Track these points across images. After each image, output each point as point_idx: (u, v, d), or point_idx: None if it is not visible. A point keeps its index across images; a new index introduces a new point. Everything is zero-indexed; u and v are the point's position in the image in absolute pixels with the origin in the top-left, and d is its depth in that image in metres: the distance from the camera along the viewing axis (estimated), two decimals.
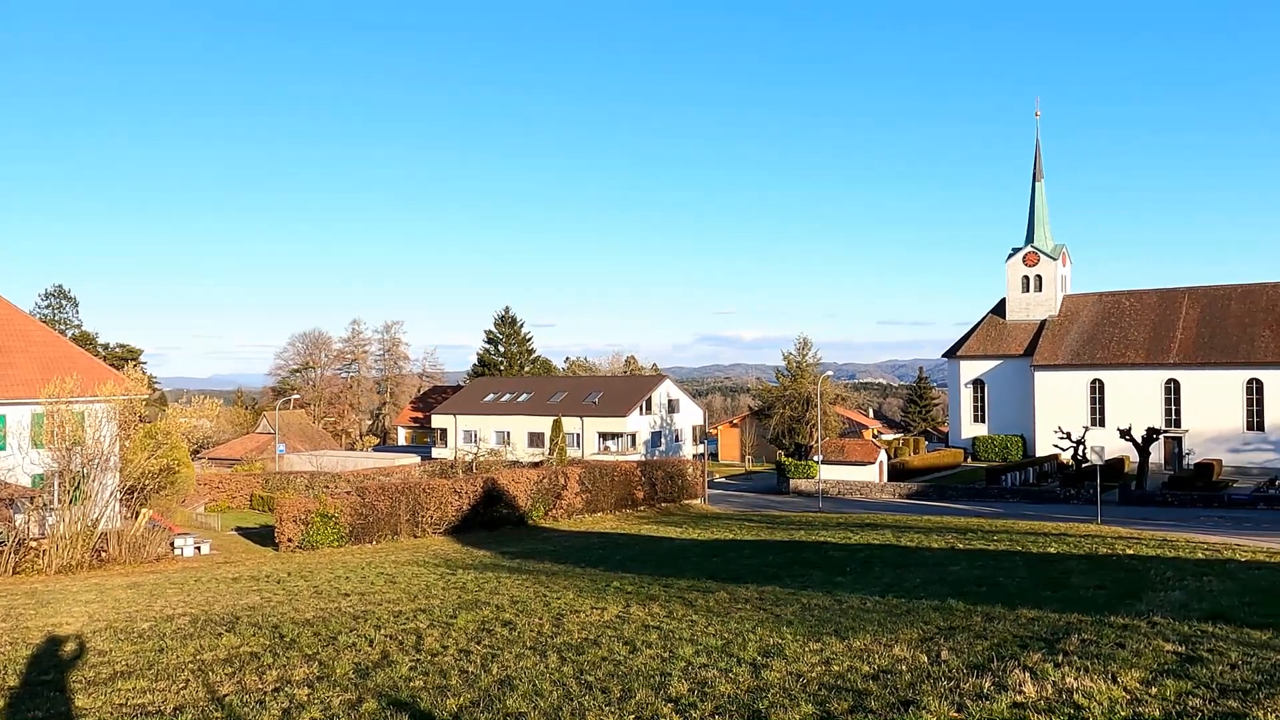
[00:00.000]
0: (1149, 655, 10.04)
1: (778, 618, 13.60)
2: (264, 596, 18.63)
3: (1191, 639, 11.00)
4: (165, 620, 15.18)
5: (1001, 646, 10.88)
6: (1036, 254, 76.23)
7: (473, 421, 77.68)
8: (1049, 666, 9.54)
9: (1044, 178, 79.13)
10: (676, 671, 10.03)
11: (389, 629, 13.59)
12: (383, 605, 16.47)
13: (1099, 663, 9.66)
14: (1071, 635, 11.36)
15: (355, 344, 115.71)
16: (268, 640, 12.85)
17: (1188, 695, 8.33)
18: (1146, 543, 26.43)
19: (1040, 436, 68.85)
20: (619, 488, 44.46)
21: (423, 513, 35.42)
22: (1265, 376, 62.81)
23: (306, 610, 16.05)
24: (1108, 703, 8.12)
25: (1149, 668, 9.43)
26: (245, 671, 10.72)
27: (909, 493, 56.58)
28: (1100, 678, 8.97)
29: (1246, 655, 9.97)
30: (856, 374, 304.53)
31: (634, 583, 18.68)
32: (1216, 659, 9.80)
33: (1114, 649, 10.42)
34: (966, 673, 9.43)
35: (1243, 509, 46.21)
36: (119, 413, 31.69)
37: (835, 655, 10.63)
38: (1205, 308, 68.06)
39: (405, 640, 12.61)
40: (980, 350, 76.56)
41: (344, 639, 12.74)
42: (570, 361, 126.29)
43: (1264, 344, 63.61)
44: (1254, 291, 67.35)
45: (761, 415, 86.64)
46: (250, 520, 44.41)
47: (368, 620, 14.52)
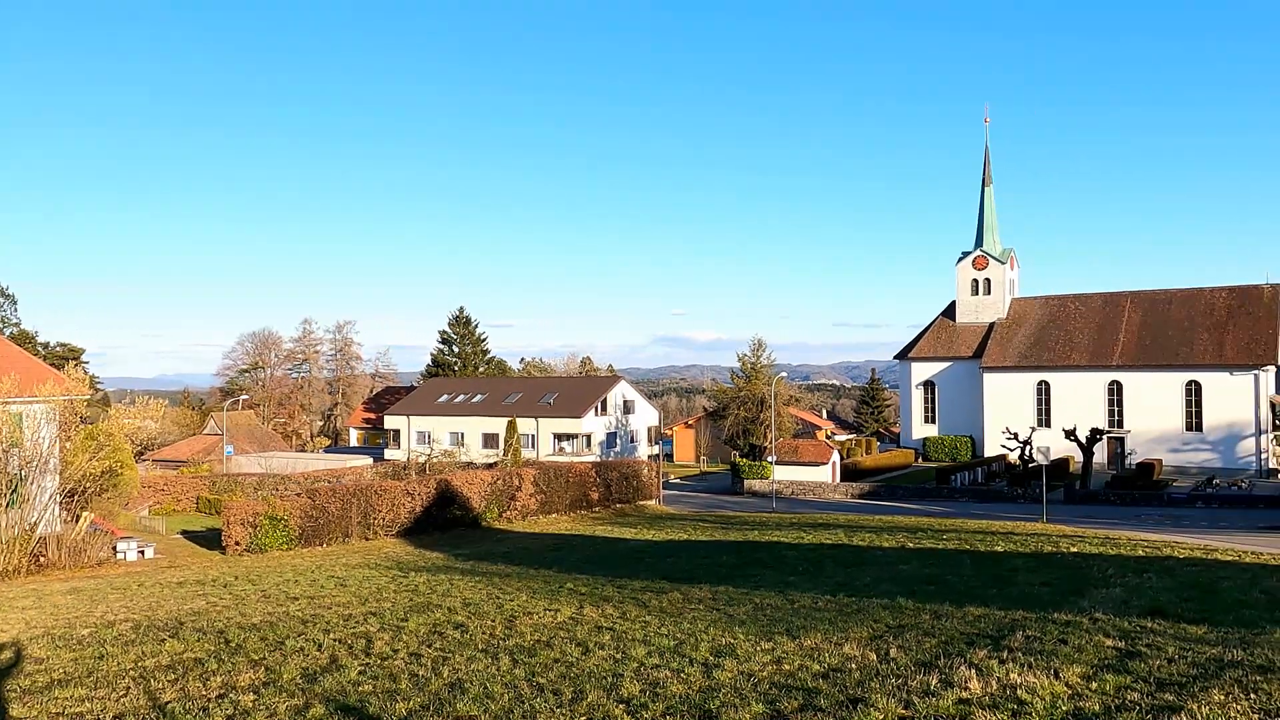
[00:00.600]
0: (1090, 651, 10.28)
1: (730, 618, 13.68)
2: (210, 601, 18.26)
3: (1131, 634, 11.29)
4: (106, 626, 14.81)
5: (949, 644, 11.06)
6: (985, 258, 77.61)
7: (426, 422, 76.96)
8: (994, 663, 9.72)
9: (993, 183, 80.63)
10: (629, 672, 10.03)
11: (338, 633, 13.40)
12: (332, 609, 16.23)
13: (1042, 659, 9.87)
14: (1016, 632, 11.59)
15: (306, 344, 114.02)
16: (212, 646, 12.60)
17: (1126, 689, 8.55)
18: (1090, 541, 27.07)
19: (989, 437, 70.11)
20: (574, 489, 44.35)
21: (375, 515, 34.99)
22: (1203, 378, 64.68)
23: (253, 615, 15.76)
24: (1050, 698, 8.30)
25: (1090, 663, 9.65)
26: (188, 678, 10.50)
27: (861, 493, 57.27)
28: (1043, 673, 9.16)
29: (1183, 649, 10.26)
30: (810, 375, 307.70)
31: (588, 584, 18.65)
32: (1154, 654, 10.07)
33: (1057, 645, 10.65)
34: (914, 670, 9.57)
35: (1181, 507, 47.50)
36: (59, 413, 30.84)
37: (786, 654, 10.72)
38: (1147, 311, 69.87)
39: (355, 644, 12.45)
40: (931, 352, 77.74)
41: (292, 643, 12.54)
42: (526, 362, 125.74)
43: (1202, 347, 65.49)
44: (1193, 296, 69.31)
45: (716, 416, 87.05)
46: (197, 523, 43.49)
47: (316, 624, 14.31)
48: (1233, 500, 48.88)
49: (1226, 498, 49.66)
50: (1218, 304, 67.75)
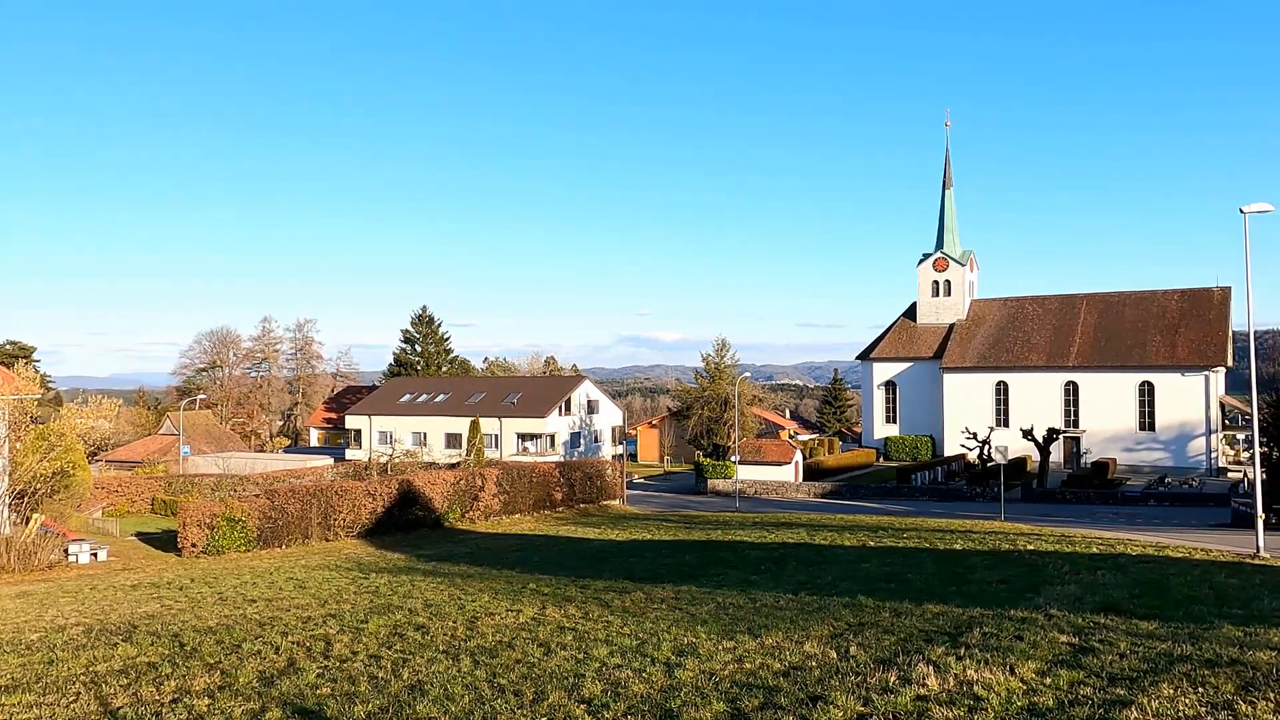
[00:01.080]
0: (1045, 647, 10.46)
1: (693, 617, 13.71)
2: (164, 604, 17.93)
3: (1085, 630, 11.50)
4: (56, 631, 14.49)
5: (908, 641, 11.18)
6: (946, 260, 78.61)
7: (388, 422, 76.26)
8: (951, 660, 9.84)
9: (953, 185, 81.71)
10: (590, 672, 10.02)
11: (296, 635, 13.23)
12: (291, 611, 16.02)
13: (998, 655, 10.02)
14: (974, 629, 11.76)
15: (266, 343, 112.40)
16: (167, 649, 12.38)
17: (1079, 684, 8.71)
18: (1046, 538, 27.53)
19: (949, 436, 71.05)
20: (537, 489, 44.20)
21: (335, 515, 34.59)
22: (1156, 379, 66.08)
23: (210, 618, 15.51)
24: (1005, 693, 8.43)
25: (1044, 659, 9.82)
26: (141, 683, 10.30)
27: (824, 492, 57.73)
28: (999, 669, 9.30)
29: (1134, 645, 10.48)
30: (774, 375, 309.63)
31: (550, 584, 18.60)
32: (1107, 649, 10.26)
33: (1013, 641, 10.82)
34: (874, 667, 9.66)
35: (1135, 505, 48.49)
36: (8, 413, 30.10)
37: (748, 653, 10.77)
38: (1102, 313, 71.23)
39: (313, 647, 12.30)
40: (892, 353, 78.59)
41: (248, 646, 12.35)
42: (489, 362, 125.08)
43: (1155, 348, 66.91)
44: (1147, 299, 70.79)
45: (680, 416, 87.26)
46: (152, 525, 42.69)
47: (274, 627, 14.11)
48: (1183, 498, 49.99)
49: (1178, 496, 50.78)
50: (1170, 306, 69.27)
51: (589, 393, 78.84)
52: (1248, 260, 24.60)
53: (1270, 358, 72.68)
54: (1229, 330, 66.66)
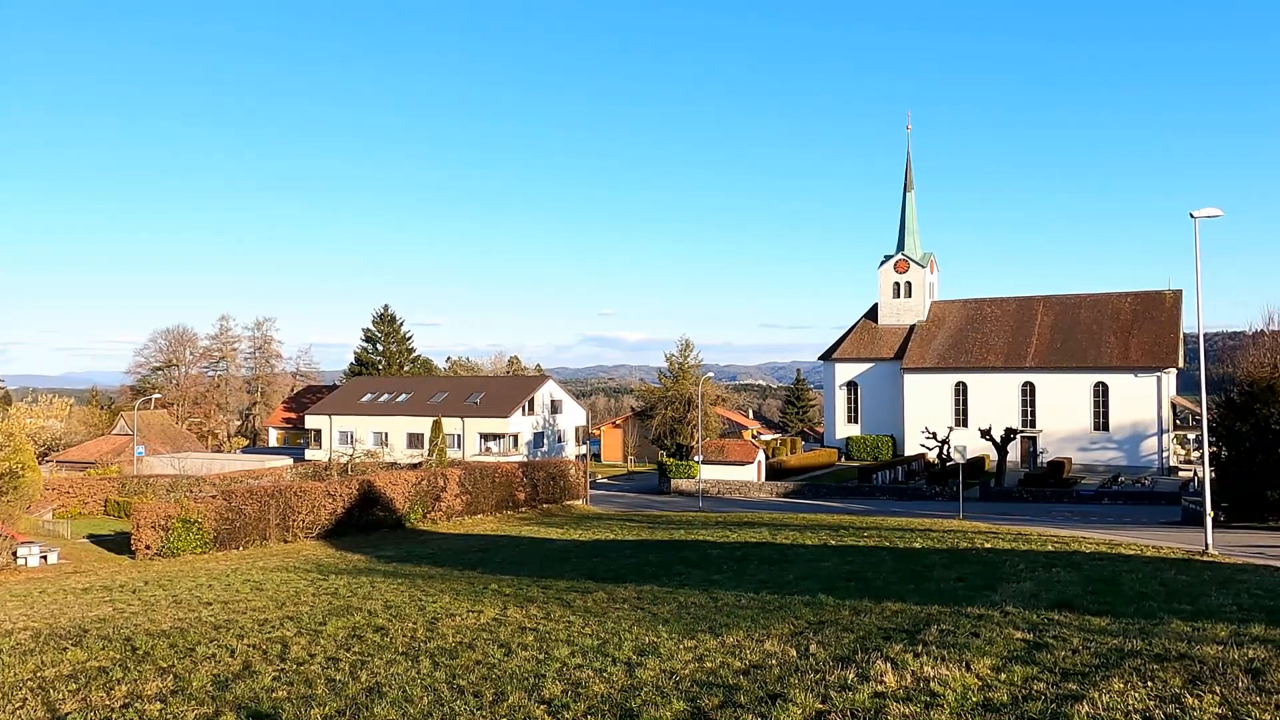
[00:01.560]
0: (1000, 643, 10.61)
1: (654, 616, 13.73)
2: (117, 607, 17.58)
3: (1039, 627, 11.70)
4: (3, 636, 14.14)
5: (866, 639, 11.29)
6: (907, 261, 79.50)
7: (349, 422, 75.45)
8: (909, 657, 9.95)
9: (914, 188, 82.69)
10: (551, 673, 9.99)
11: (253, 638, 13.04)
12: (247, 614, 15.78)
13: (955, 651, 10.15)
14: (931, 626, 11.90)
15: (223, 341, 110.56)
16: (118, 654, 12.13)
17: (1033, 680, 8.86)
18: (1003, 536, 27.95)
19: (909, 436, 71.87)
20: (500, 489, 43.99)
21: (294, 517, 34.15)
22: (1110, 380, 67.40)
23: (163, 621, 15.23)
24: (961, 689, 8.54)
25: (1000, 655, 9.96)
26: (91, 688, 10.08)
27: (786, 491, 58.11)
28: (955, 666, 9.42)
29: (1087, 641, 10.67)
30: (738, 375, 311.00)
31: (512, 585, 18.52)
32: (1060, 645, 10.45)
33: (969, 638, 10.96)
34: (833, 665, 9.74)
35: (1089, 504, 49.44)
36: None
37: (709, 652, 10.80)
38: (1059, 315, 72.49)
39: (270, 649, 12.13)
40: (854, 353, 79.31)
41: (203, 650, 12.15)
42: (452, 361, 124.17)
43: (1110, 350, 68.24)
44: (1102, 301, 72.18)
45: (644, 416, 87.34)
46: (105, 527, 41.82)
47: (230, 630, 13.90)
48: (1136, 497, 51.05)
49: (1130, 494, 51.86)
50: (1124, 308, 70.67)
51: (552, 392, 78.63)
52: (1198, 264, 25.16)
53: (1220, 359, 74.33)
54: (1180, 332, 68.18)
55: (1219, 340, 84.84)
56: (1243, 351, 73.66)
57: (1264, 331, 74.62)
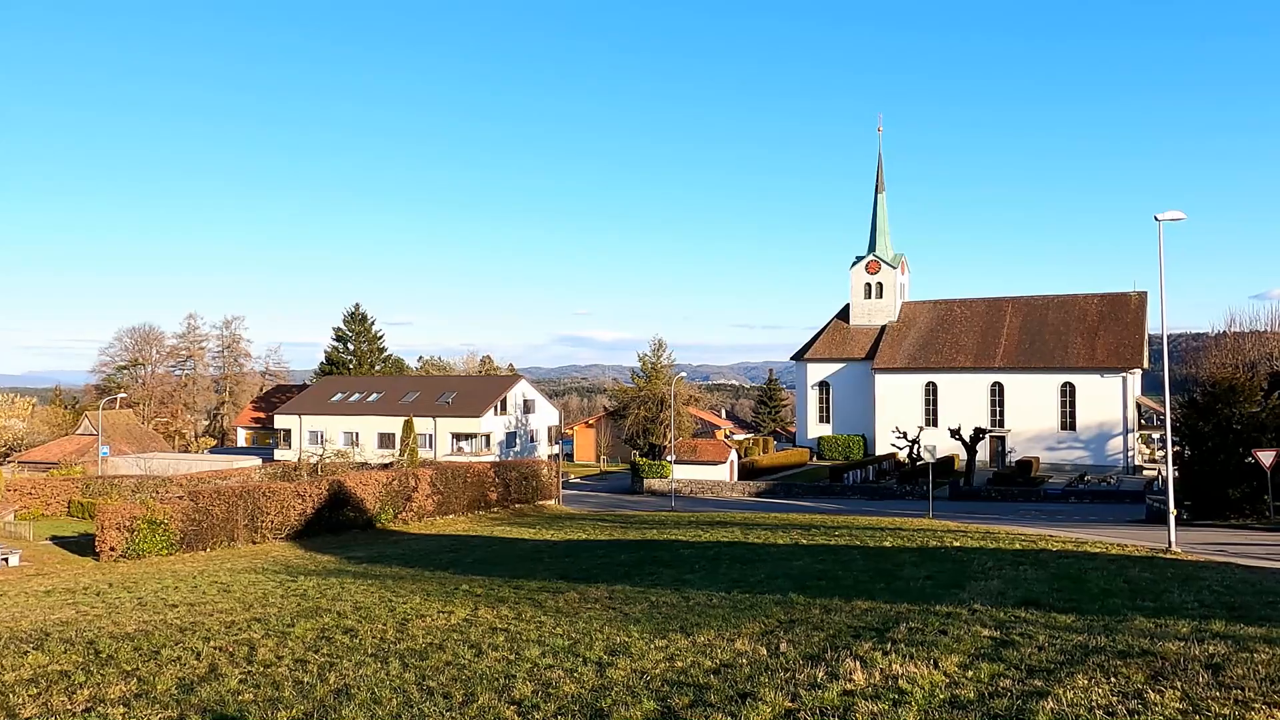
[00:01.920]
0: (968, 641, 10.72)
1: (626, 616, 13.73)
2: (80, 610, 17.30)
3: (1006, 624, 11.83)
4: None
5: (836, 637, 11.36)
6: (878, 262, 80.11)
7: (319, 422, 74.78)
8: (878, 655, 10.03)
9: (885, 189, 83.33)
10: (521, 673, 9.96)
11: (219, 640, 12.88)
12: (214, 616, 15.59)
13: (923, 649, 10.24)
14: (900, 624, 12.00)
15: (191, 340, 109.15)
16: (81, 657, 11.94)
17: (1000, 677, 8.96)
18: (972, 535, 28.23)
19: (880, 436, 72.42)
20: (472, 489, 43.78)
21: (263, 517, 33.77)
22: (1077, 380, 68.33)
23: (128, 624, 15.01)
24: (929, 687, 8.62)
25: (967, 652, 10.07)
26: (52, 692, 9.91)
27: (758, 491, 58.35)
28: (923, 663, 9.51)
29: (1053, 638, 10.81)
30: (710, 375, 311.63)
31: (484, 585, 18.44)
32: (1026, 642, 10.57)
33: (937, 636, 11.07)
34: (803, 664, 9.79)
35: (1056, 502, 50.09)
36: None
37: (679, 651, 10.82)
38: (1026, 316, 73.38)
39: (236, 652, 11.99)
40: (826, 353, 79.78)
41: (168, 653, 11.99)
42: (424, 361, 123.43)
43: (1076, 351, 69.18)
44: (1069, 302, 73.15)
45: (617, 416, 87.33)
46: (68, 529, 41.11)
47: (196, 632, 13.72)
48: (1102, 495, 51.79)
49: (1096, 493, 52.59)
50: (1090, 310, 71.67)
51: (525, 392, 78.41)
52: (1162, 266, 25.57)
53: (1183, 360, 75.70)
54: (1145, 333, 69.26)
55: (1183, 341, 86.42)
56: (1205, 352, 75.09)
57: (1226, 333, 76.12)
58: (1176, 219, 24.98)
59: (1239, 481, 34.56)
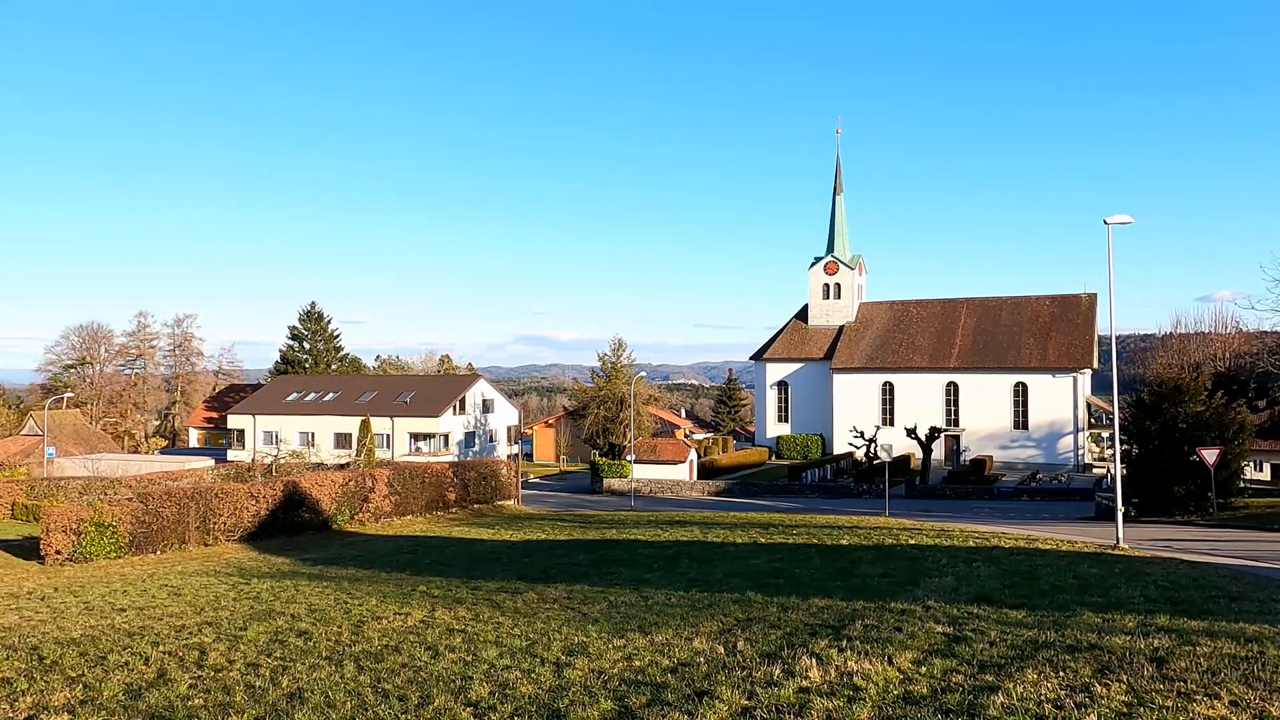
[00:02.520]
0: (921, 637, 10.87)
1: (584, 616, 13.71)
2: (23, 615, 16.84)
3: (959, 620, 12.01)
4: None
5: (793, 635, 11.45)
6: (836, 263, 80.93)
7: (274, 422, 73.69)
8: (834, 652, 10.13)
9: (844, 191, 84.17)
10: (478, 675, 9.90)
11: (169, 645, 12.63)
12: (164, 620, 15.28)
13: (878, 646, 10.36)
14: (856, 621, 12.13)
15: (141, 338, 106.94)
16: (23, 663, 11.62)
17: (952, 672, 9.09)
18: (927, 533, 28.61)
19: (838, 435, 73.17)
20: (430, 489, 43.43)
21: (215, 519, 33.18)
22: (1030, 380, 69.62)
23: (73, 629, 14.65)
24: (883, 683, 8.72)
25: (921, 648, 10.20)
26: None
27: (718, 490, 58.62)
28: (878, 660, 9.62)
29: (1004, 633, 11.00)
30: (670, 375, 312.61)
31: (441, 586, 18.30)
32: (978, 637, 10.74)
33: (892, 633, 11.20)
34: (759, 662, 9.85)
35: (1009, 500, 51.00)
36: None
37: (637, 651, 10.83)
38: (981, 317, 74.61)
39: (186, 656, 11.76)
40: (785, 353, 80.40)
41: (115, 658, 11.72)
42: (381, 360, 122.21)
43: (1029, 351, 70.49)
44: (1021, 303, 74.51)
45: (577, 416, 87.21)
46: (12, 532, 40.05)
47: (145, 636, 13.44)
48: (1053, 493, 52.85)
49: (1048, 491, 53.65)
50: (1042, 311, 73.08)
51: (484, 392, 77.98)
52: (1110, 268, 26.14)
53: (1132, 360, 77.50)
54: (1095, 334, 70.80)
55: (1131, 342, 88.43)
56: (1153, 353, 76.97)
57: (1172, 334, 78.12)
58: (1125, 222, 25.54)
59: (1184, 479, 35.47)
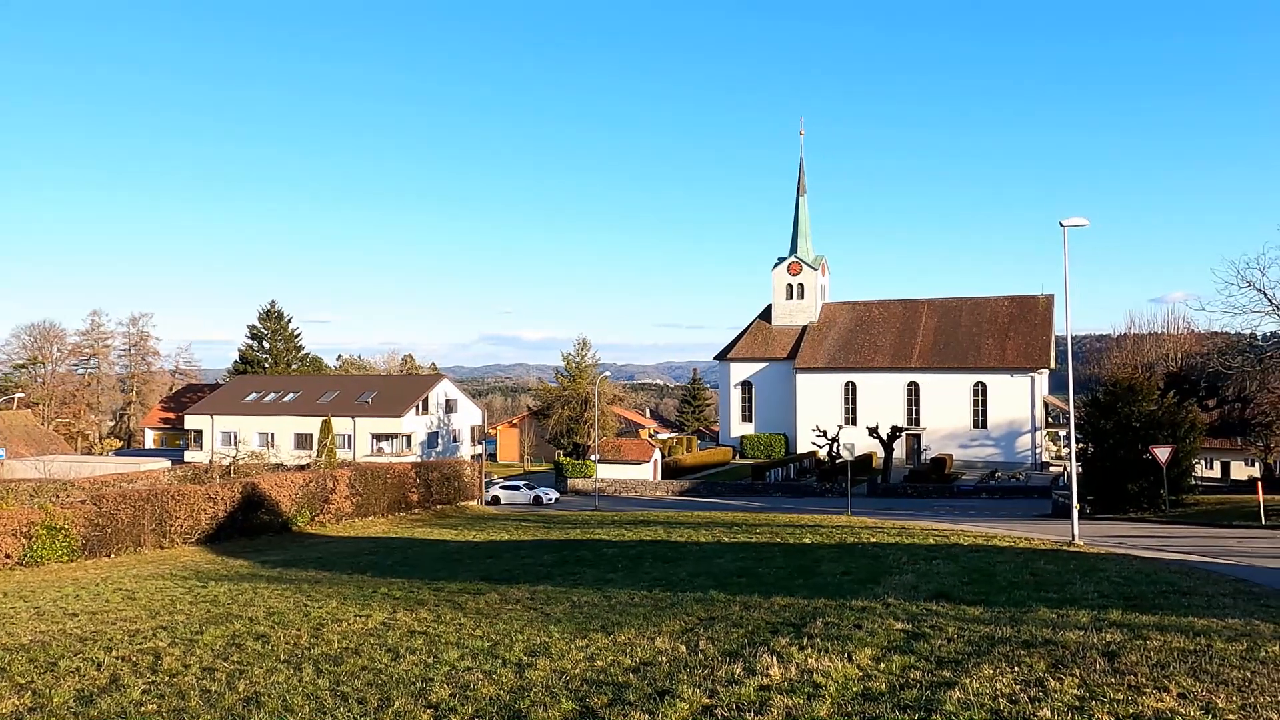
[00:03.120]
0: (881, 634, 10.99)
1: (547, 616, 13.67)
2: None
3: (918, 617, 12.16)
4: None
5: (755, 634, 11.52)
6: (799, 264, 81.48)
7: (233, 422, 72.58)
8: (795, 650, 10.20)
9: (807, 192, 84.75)
10: (439, 676, 9.84)
11: (122, 650, 12.39)
12: (117, 624, 14.99)
13: (838, 643, 10.46)
14: (817, 619, 12.23)
15: (95, 337, 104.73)
16: None
17: (910, 668, 9.21)
18: (888, 531, 28.93)
19: (801, 435, 73.68)
20: (392, 490, 43.07)
21: (172, 521, 32.61)
22: (989, 380, 70.64)
23: (22, 634, 14.31)
24: (842, 680, 8.80)
25: (880, 645, 10.32)
26: None
27: (682, 490, 58.76)
28: (838, 657, 9.71)
29: (961, 629, 11.16)
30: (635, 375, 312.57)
31: (403, 588, 18.15)
32: (937, 634, 10.89)
33: (852, 630, 11.32)
34: (721, 660, 9.90)
35: (968, 498, 51.71)
36: None
37: (600, 651, 10.83)
38: (941, 317, 75.55)
39: (140, 661, 11.55)
40: (748, 353, 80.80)
41: (66, 664, 11.48)
42: (343, 360, 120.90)
43: (988, 351, 71.52)
44: (981, 304, 75.57)
45: (541, 415, 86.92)
46: None
47: (97, 642, 13.17)
48: (1011, 491, 53.66)
49: (1006, 489, 54.47)
50: (1001, 312, 74.18)
51: (447, 392, 77.46)
52: (1066, 270, 26.58)
53: (1087, 360, 78.87)
54: (1052, 335, 72.03)
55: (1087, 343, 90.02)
56: (1108, 353, 78.39)
57: (1127, 335, 79.64)
58: (1080, 225, 26.00)
59: (1137, 477, 36.20)
